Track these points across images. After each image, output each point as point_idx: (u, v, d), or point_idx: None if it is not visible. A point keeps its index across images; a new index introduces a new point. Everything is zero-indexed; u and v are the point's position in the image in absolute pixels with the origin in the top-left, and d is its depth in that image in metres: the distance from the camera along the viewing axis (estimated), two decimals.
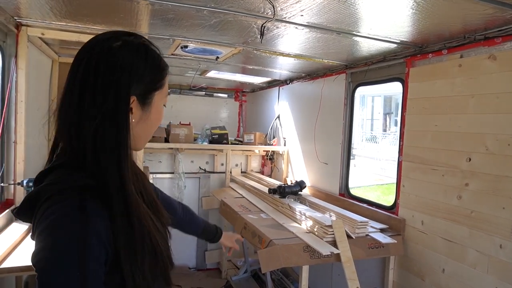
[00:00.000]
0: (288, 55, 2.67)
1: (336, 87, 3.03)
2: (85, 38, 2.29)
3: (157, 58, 0.86)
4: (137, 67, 0.80)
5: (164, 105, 0.90)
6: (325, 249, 1.94)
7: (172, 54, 2.89)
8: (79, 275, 0.66)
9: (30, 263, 0.87)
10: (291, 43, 2.35)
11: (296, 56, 2.71)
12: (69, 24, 2.10)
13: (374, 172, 12.77)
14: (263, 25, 1.86)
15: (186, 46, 2.58)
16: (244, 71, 3.79)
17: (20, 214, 0.79)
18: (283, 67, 3.30)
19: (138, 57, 0.81)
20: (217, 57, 2.93)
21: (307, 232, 2.20)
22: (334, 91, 3.06)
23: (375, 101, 18.58)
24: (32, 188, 1.03)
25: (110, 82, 0.76)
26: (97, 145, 0.75)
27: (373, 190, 10.08)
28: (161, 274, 0.82)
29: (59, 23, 2.08)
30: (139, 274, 0.75)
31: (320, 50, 2.48)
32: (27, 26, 2.12)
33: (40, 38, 2.35)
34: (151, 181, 3.64)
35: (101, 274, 0.70)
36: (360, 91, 17.53)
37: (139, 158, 2.54)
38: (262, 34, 1.88)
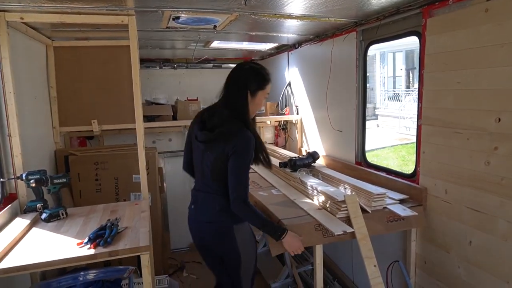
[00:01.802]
0: (289, 16, 2.43)
1: (346, 47, 2.77)
2: (67, 19, 2.15)
3: (262, 75, 1.83)
4: (251, 79, 1.81)
5: (265, 97, 1.88)
6: (338, 228, 1.80)
7: (167, 28, 2.71)
8: (251, 155, 1.77)
9: (47, 259, 1.50)
10: (291, 3, 2.11)
11: (299, 17, 2.46)
12: (46, 5, 1.94)
13: (398, 132, 12.34)
14: None
15: (178, 17, 2.38)
16: (251, 39, 3.56)
17: (214, 140, 1.77)
18: (289, 30, 3.05)
19: (252, 74, 1.82)
20: (215, 26, 2.72)
21: (319, 209, 2.06)
22: (344, 52, 2.81)
23: (396, 57, 17.67)
24: (33, 181, 1.94)
25: (243, 83, 1.80)
26: (242, 109, 1.79)
27: (397, 150, 9.74)
28: (264, 158, 1.90)
29: (37, 4, 1.93)
30: (261, 157, 1.88)
31: (324, 8, 2.22)
32: (4, 11, 1.97)
33: (24, 23, 2.23)
34: (161, 161, 3.57)
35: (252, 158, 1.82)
36: (380, 48, 16.69)
37: (140, 139, 2.43)
38: None
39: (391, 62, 17.98)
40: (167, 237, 3.59)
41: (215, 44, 3.69)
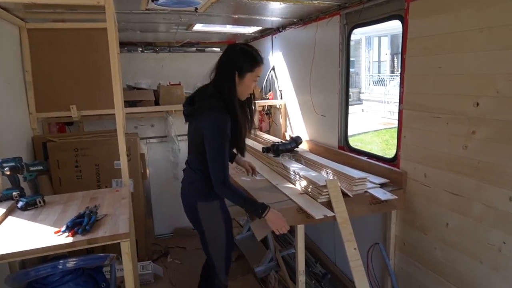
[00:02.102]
0: None
1: (330, 31, 2.74)
2: None
3: (253, 56, 1.81)
4: (240, 59, 1.78)
5: (254, 80, 1.85)
6: (319, 212, 1.82)
7: (147, 9, 2.63)
8: (225, 136, 1.74)
9: (23, 248, 1.47)
10: None
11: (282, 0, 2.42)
12: None
13: (382, 116, 12.48)
14: None
15: None
16: (234, 22, 3.50)
17: (193, 113, 1.86)
18: (273, 13, 3.00)
19: (242, 55, 1.79)
20: (196, 8, 2.65)
21: (301, 194, 2.07)
22: (328, 36, 2.78)
23: (381, 41, 17.70)
24: (8, 169, 1.85)
25: (231, 64, 1.79)
26: (227, 89, 1.78)
27: (381, 135, 9.87)
28: (242, 145, 1.93)
29: None
30: (238, 140, 1.86)
31: None
32: None
33: None
34: (144, 146, 3.53)
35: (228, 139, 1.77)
36: (365, 32, 16.67)
37: (120, 124, 2.39)
38: None
39: (376, 47, 18.02)
40: (150, 223, 3.58)
41: (198, 27, 3.61)
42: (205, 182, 1.86)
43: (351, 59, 2.75)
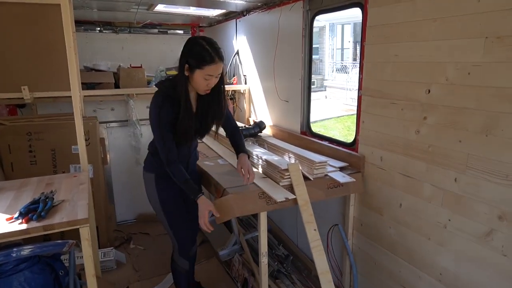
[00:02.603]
0: None
1: (293, 16, 2.76)
2: None
3: (205, 54, 1.72)
4: (191, 53, 1.75)
5: (206, 78, 1.77)
6: (280, 195, 1.86)
7: None
8: (161, 119, 1.79)
9: None
10: None
11: None
12: None
13: (345, 103, 12.82)
14: None
15: None
16: (198, 4, 3.42)
17: None
18: None
19: (195, 49, 1.75)
20: None
21: (263, 177, 2.11)
22: (291, 22, 2.80)
23: (344, 29, 18.02)
24: None
25: (183, 56, 1.77)
26: (178, 79, 1.81)
27: (343, 121, 10.16)
28: (186, 139, 1.93)
29: None
30: (178, 131, 1.83)
31: None
32: None
33: None
34: (104, 131, 3.41)
35: (167, 123, 1.80)
36: (329, 19, 16.88)
37: (77, 107, 2.29)
38: None
39: (340, 34, 18.32)
40: (111, 209, 3.50)
41: (160, 8, 3.48)
42: (150, 154, 2.08)
43: (315, 46, 2.79)
